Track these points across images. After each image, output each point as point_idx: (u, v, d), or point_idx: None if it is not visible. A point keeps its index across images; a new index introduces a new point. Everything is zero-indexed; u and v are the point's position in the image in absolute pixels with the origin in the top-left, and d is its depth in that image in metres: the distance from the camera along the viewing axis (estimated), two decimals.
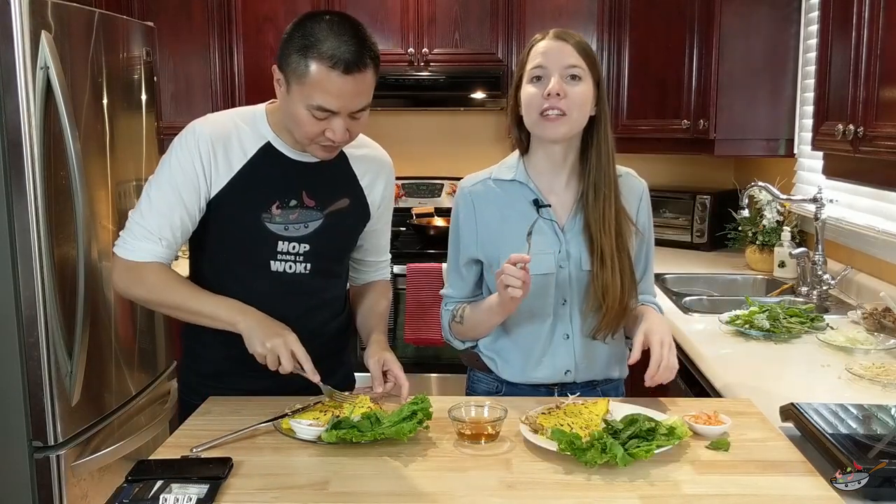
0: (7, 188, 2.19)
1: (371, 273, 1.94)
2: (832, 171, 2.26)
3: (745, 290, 3.04)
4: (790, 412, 1.51)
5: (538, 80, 1.65)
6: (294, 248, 1.70)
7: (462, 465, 1.38)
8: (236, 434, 1.47)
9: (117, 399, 2.59)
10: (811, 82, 2.72)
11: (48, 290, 2.25)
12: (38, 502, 2.32)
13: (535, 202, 1.71)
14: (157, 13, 3.67)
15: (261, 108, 1.72)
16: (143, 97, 2.82)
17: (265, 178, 1.67)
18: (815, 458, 1.37)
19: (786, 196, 3.04)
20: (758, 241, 3.21)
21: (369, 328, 1.82)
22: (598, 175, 1.69)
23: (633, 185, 1.79)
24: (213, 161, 1.64)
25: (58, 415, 2.29)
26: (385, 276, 1.97)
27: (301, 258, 1.71)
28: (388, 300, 1.93)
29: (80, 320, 2.34)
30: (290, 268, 1.71)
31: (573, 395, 1.59)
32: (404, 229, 3.94)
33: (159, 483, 1.26)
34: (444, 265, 1.87)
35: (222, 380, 1.73)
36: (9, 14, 2.13)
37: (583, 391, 1.70)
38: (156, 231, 1.64)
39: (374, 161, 1.81)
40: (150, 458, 1.40)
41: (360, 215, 1.80)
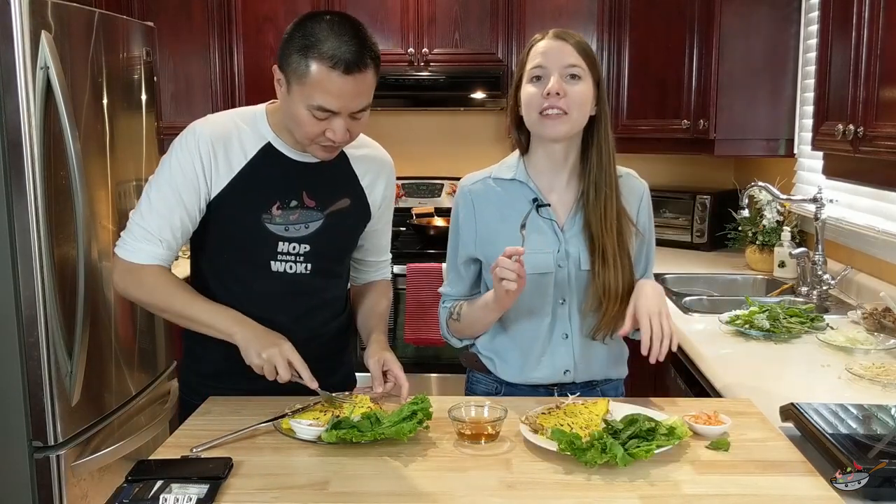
0: (7, 188, 2.19)
1: (372, 273, 1.94)
2: (832, 171, 2.26)
3: (745, 290, 3.04)
4: (790, 412, 1.51)
5: (538, 79, 1.65)
6: (294, 248, 1.70)
7: (462, 465, 1.38)
8: (236, 434, 1.48)
9: (117, 399, 2.59)
10: (811, 82, 2.72)
11: (48, 290, 2.25)
12: (38, 502, 2.32)
13: (535, 201, 1.71)
14: (157, 13, 3.67)
15: (261, 108, 1.72)
16: (143, 97, 2.82)
17: (265, 179, 1.67)
18: (815, 458, 1.37)
19: (786, 196, 3.04)
20: (758, 241, 3.21)
21: (369, 328, 1.82)
22: (599, 174, 1.69)
23: (634, 185, 1.79)
24: (214, 162, 1.64)
25: (58, 415, 2.29)
26: (386, 276, 1.97)
27: (301, 258, 1.71)
28: (388, 300, 1.93)
29: (80, 320, 2.34)
30: (290, 268, 1.71)
31: (573, 395, 1.58)
32: (404, 229, 3.94)
33: (159, 483, 1.26)
34: (444, 265, 1.87)
35: (222, 380, 1.73)
36: (9, 14, 2.13)
37: (582, 391, 1.70)
38: (156, 232, 1.64)
39: (374, 161, 1.81)
40: (150, 458, 1.40)
41: (361, 215, 1.79)
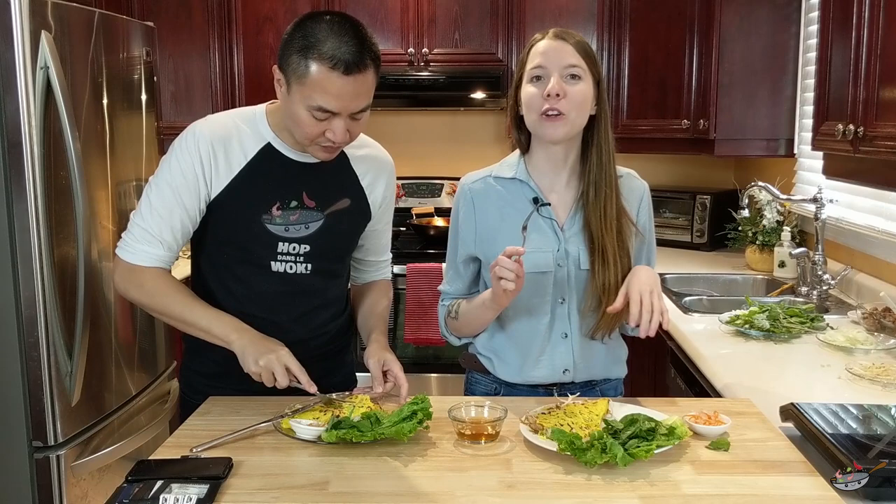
0: (7, 188, 2.19)
1: (372, 273, 1.94)
2: (832, 171, 2.26)
3: (745, 290, 3.04)
4: (790, 412, 1.51)
5: (538, 79, 1.65)
6: (294, 248, 1.70)
7: (462, 465, 1.38)
8: (236, 434, 1.48)
9: (117, 399, 2.59)
10: (811, 82, 2.72)
11: (48, 290, 2.25)
12: (38, 502, 2.32)
13: (535, 200, 1.71)
14: (157, 13, 3.67)
15: (261, 108, 1.72)
16: (143, 97, 2.82)
17: (265, 179, 1.67)
18: (815, 458, 1.37)
19: (786, 196, 3.04)
20: (758, 241, 3.21)
21: (369, 328, 1.82)
22: (599, 174, 1.69)
23: (635, 185, 1.79)
24: (214, 163, 1.64)
25: (58, 415, 2.29)
26: (386, 276, 1.97)
27: (301, 259, 1.71)
28: (388, 300, 1.93)
29: (80, 320, 2.34)
30: (290, 268, 1.71)
31: (573, 395, 1.58)
32: (404, 229, 3.94)
33: (159, 483, 1.26)
34: (444, 264, 1.87)
35: (224, 379, 1.73)
36: (9, 14, 2.13)
37: (582, 391, 1.70)
38: (156, 233, 1.64)
39: (375, 161, 1.80)
40: (150, 458, 1.40)
41: (361, 215, 1.79)
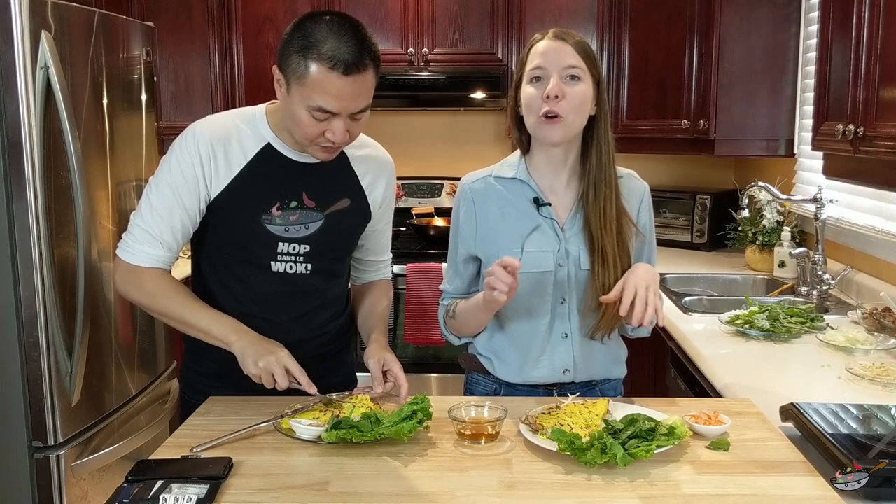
0: (7, 188, 2.19)
1: (372, 273, 1.94)
2: (832, 171, 2.26)
3: (745, 290, 3.04)
4: (790, 412, 1.51)
5: (537, 80, 1.65)
6: (294, 248, 1.70)
7: (462, 465, 1.38)
8: (236, 434, 1.48)
9: (117, 399, 2.59)
10: (811, 82, 2.72)
11: (48, 290, 2.25)
12: (38, 502, 2.32)
13: (536, 200, 1.71)
14: (157, 13, 3.67)
15: (261, 108, 1.72)
16: (143, 97, 2.82)
17: (265, 180, 1.67)
18: (815, 458, 1.37)
19: (786, 196, 3.04)
20: (758, 241, 3.21)
21: (370, 328, 1.82)
22: (599, 174, 1.69)
23: (635, 186, 1.79)
24: (213, 163, 1.64)
25: (58, 415, 2.29)
26: (386, 276, 1.97)
27: (302, 259, 1.71)
28: (388, 300, 1.93)
29: (80, 320, 2.33)
30: (290, 268, 1.71)
31: (573, 395, 1.58)
32: (404, 229, 3.94)
33: (159, 483, 1.26)
34: (445, 264, 1.87)
35: (223, 379, 1.73)
36: (9, 14, 2.13)
37: (581, 391, 1.70)
38: (156, 234, 1.64)
39: (375, 161, 1.80)
40: (150, 458, 1.40)
41: (361, 215, 1.79)
